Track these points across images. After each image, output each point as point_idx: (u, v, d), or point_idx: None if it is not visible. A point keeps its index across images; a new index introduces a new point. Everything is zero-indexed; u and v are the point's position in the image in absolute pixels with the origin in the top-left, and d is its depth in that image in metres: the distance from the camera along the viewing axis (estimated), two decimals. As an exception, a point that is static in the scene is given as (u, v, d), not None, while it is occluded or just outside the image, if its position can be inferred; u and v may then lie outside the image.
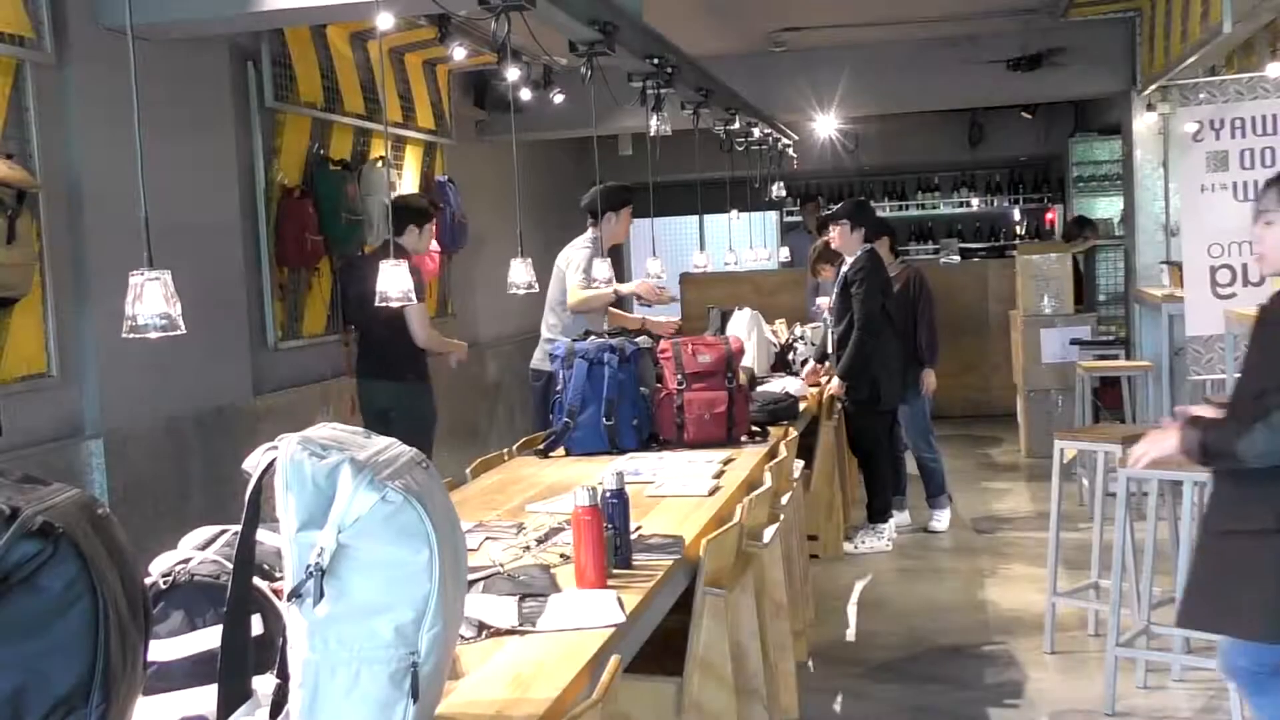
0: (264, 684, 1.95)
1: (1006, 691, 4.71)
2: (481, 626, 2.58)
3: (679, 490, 4.01)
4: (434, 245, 7.65)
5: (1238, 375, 3.34)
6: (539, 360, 6.29)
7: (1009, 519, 7.54)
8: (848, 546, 6.79)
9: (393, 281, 3.69)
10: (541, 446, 4.86)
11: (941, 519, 7.25)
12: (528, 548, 3.31)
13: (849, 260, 6.73)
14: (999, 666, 4.98)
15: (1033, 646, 5.13)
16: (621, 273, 10.13)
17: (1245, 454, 2.99)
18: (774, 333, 7.53)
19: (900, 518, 7.22)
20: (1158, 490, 4.64)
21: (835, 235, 6.83)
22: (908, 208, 14.68)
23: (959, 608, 5.81)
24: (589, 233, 6.27)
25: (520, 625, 2.63)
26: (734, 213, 9.61)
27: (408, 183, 7.85)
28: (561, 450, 4.81)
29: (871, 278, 6.59)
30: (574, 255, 6.25)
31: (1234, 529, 3.10)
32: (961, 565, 6.49)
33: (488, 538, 3.43)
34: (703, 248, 8.39)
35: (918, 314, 7.14)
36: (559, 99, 8.30)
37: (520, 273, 4.76)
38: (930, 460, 7.26)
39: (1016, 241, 13.87)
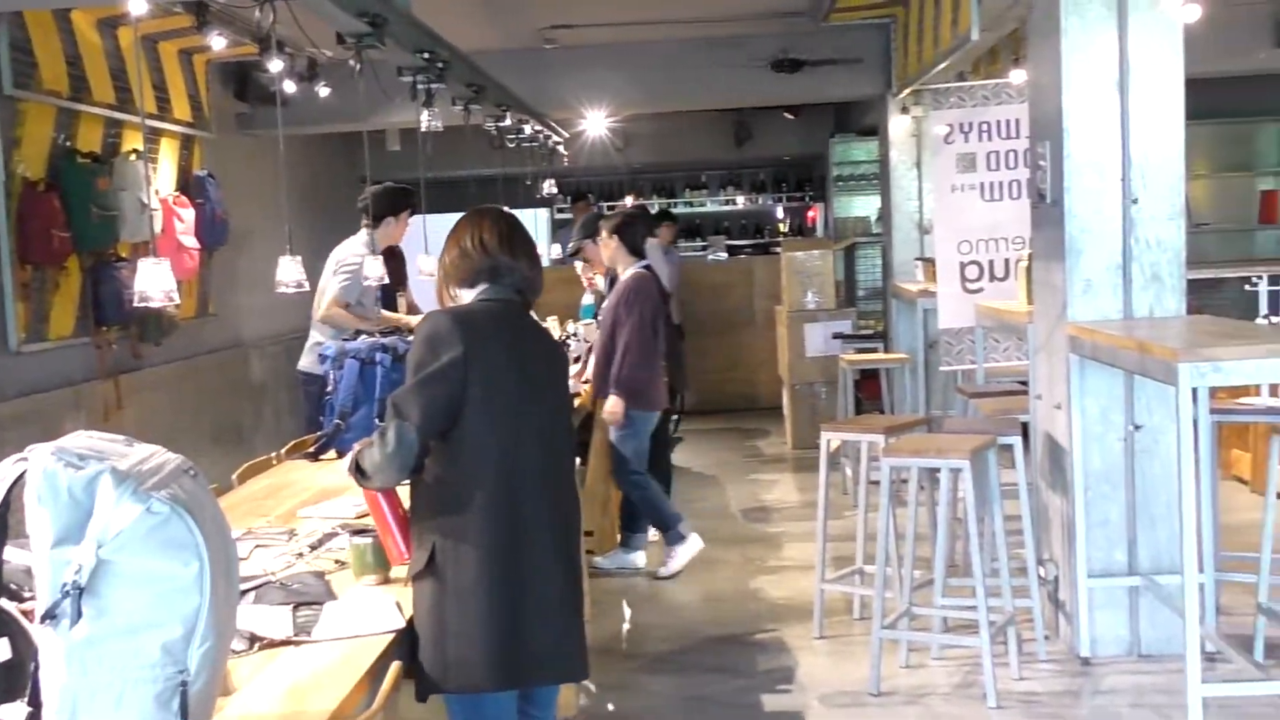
0: (13, 713, 1.84)
1: (778, 678, 4.85)
2: (254, 638, 2.51)
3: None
4: (192, 242, 7.35)
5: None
6: (309, 364, 5.87)
7: (778, 509, 7.76)
8: (599, 560, 6.37)
9: (153, 281, 3.51)
10: (312, 450, 4.73)
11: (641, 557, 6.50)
12: (301, 554, 3.22)
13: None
14: (770, 653, 5.12)
15: (802, 632, 5.29)
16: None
17: (368, 467, 2.79)
18: (547, 330, 7.49)
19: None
20: (917, 478, 4.86)
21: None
22: (676, 205, 14.93)
23: (731, 598, 5.95)
24: (362, 234, 6.03)
25: (295, 635, 2.56)
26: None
27: (165, 176, 7.51)
28: (333, 453, 4.69)
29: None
30: (345, 259, 5.94)
31: (413, 573, 2.82)
32: (733, 556, 6.63)
33: (258, 545, 3.33)
34: (475, 245, 8.30)
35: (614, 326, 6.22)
36: (325, 92, 8.11)
37: (290, 271, 4.63)
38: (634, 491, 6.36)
39: (780, 238, 14.29)
